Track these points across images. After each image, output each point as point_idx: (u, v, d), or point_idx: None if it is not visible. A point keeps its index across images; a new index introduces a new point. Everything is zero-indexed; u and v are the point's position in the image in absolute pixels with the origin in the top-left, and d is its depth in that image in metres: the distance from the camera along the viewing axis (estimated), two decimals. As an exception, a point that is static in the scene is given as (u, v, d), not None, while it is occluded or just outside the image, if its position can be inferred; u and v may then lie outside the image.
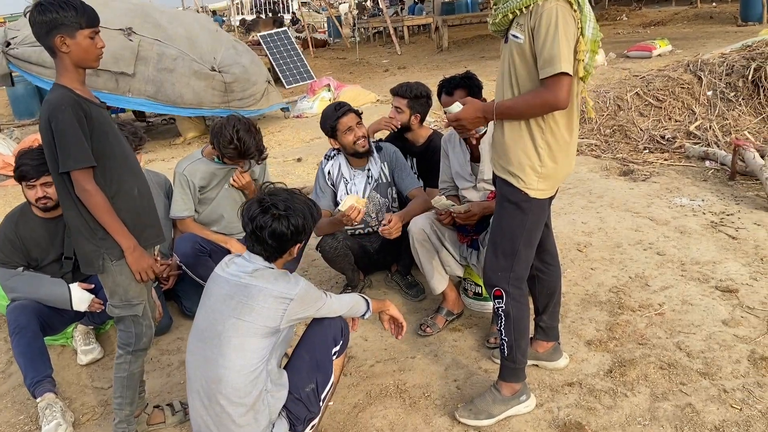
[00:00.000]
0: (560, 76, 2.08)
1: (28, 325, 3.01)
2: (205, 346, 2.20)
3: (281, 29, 14.66)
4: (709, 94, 6.27)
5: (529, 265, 2.47)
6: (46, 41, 2.25)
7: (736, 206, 4.28)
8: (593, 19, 2.17)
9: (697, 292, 3.30)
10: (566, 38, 2.07)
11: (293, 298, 2.17)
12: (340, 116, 3.40)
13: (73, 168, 2.23)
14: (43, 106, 2.28)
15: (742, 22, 13.18)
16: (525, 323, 2.49)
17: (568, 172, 2.41)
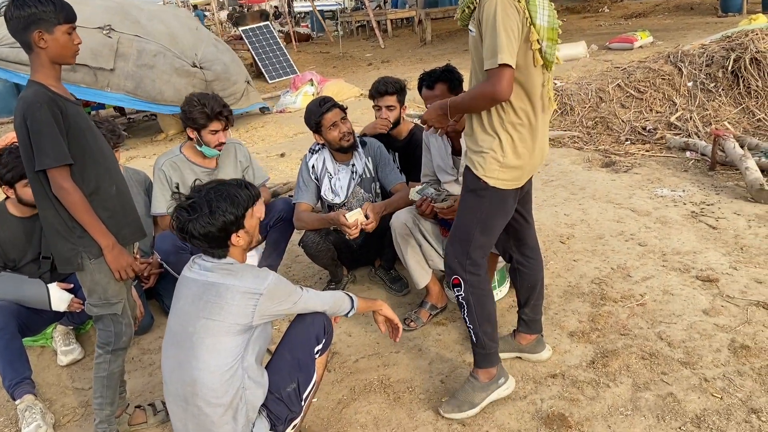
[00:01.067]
0: (500, 68, 2.08)
1: (6, 327, 2.97)
2: (178, 350, 2.16)
3: (263, 23, 14.56)
4: (689, 85, 6.31)
5: (485, 253, 2.47)
6: (23, 36, 2.21)
7: (716, 196, 4.31)
8: (547, 7, 2.17)
9: (678, 282, 3.32)
10: (505, 30, 2.07)
11: (262, 293, 2.12)
12: (325, 112, 3.38)
13: (49, 166, 2.20)
14: (18, 104, 2.24)
15: (723, 13, 13.30)
16: (487, 309, 2.51)
17: (534, 165, 2.39)
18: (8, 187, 3.05)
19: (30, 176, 2.31)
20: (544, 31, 2.15)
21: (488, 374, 2.58)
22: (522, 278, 2.77)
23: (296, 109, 9.95)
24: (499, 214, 2.42)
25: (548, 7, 2.17)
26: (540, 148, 2.38)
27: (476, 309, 2.49)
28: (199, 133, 3.43)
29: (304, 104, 10.00)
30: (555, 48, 2.21)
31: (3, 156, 3.01)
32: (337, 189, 3.47)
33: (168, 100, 8.24)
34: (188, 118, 3.41)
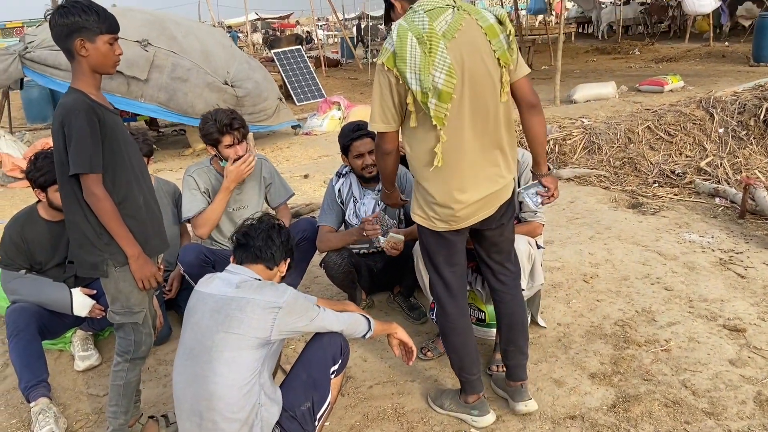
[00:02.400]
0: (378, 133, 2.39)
1: (27, 328, 2.99)
2: (194, 364, 2.15)
3: (295, 47, 14.78)
4: (720, 132, 6.26)
5: (442, 285, 2.58)
6: (66, 44, 2.25)
7: (745, 245, 4.24)
8: (421, 71, 2.19)
9: (705, 329, 3.25)
10: (377, 98, 2.31)
11: (282, 306, 2.14)
12: (355, 138, 3.39)
13: (83, 172, 2.22)
14: (57, 109, 2.28)
15: (755, 63, 13.22)
16: (450, 340, 2.64)
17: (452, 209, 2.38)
18: (41, 190, 3.09)
19: (62, 181, 2.33)
20: (418, 94, 2.22)
21: (469, 398, 2.68)
22: (498, 313, 2.74)
23: (322, 132, 10.03)
24: (437, 251, 2.53)
25: (421, 72, 2.19)
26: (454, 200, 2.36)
27: (442, 335, 2.73)
28: (216, 148, 3.46)
29: (330, 128, 10.10)
30: (440, 106, 2.23)
31: (38, 160, 3.06)
32: (362, 214, 3.47)
33: (198, 114, 8.27)
34: (204, 135, 3.46)
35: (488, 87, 2.29)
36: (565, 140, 6.85)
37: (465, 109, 2.28)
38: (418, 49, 2.20)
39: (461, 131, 2.30)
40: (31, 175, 3.06)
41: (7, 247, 3.17)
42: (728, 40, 18.14)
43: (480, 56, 2.27)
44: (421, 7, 2.26)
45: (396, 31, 2.24)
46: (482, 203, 2.39)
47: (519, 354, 2.70)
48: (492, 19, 2.29)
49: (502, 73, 2.30)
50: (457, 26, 2.24)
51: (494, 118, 2.34)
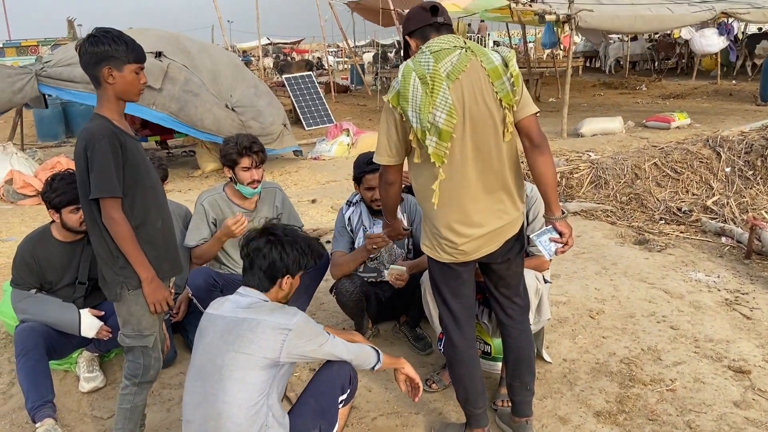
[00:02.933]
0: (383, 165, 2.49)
1: (35, 348, 3.01)
2: (204, 383, 2.19)
3: (306, 73, 14.96)
4: (727, 171, 6.30)
5: (449, 316, 2.60)
6: (93, 71, 2.32)
7: (751, 285, 4.25)
8: (422, 109, 2.26)
9: (710, 370, 3.25)
10: (383, 132, 2.41)
11: (291, 329, 2.18)
12: (369, 171, 3.42)
13: (102, 196, 2.27)
14: (80, 134, 2.33)
15: (762, 102, 13.31)
16: (462, 374, 2.64)
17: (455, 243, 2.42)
18: (55, 211, 3.14)
19: (83, 203, 2.39)
20: (418, 132, 2.30)
21: (471, 431, 2.69)
22: (505, 347, 2.75)
23: (330, 157, 10.11)
24: (444, 282, 2.57)
25: (421, 110, 2.26)
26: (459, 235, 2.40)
27: (448, 366, 2.75)
28: (233, 170, 3.52)
29: (338, 153, 10.18)
30: (439, 144, 2.29)
31: (54, 181, 3.11)
32: (400, 268, 3.50)
33: (207, 128, 8.44)
34: (223, 156, 3.55)
35: (490, 127, 2.34)
36: (572, 174, 6.89)
37: (467, 148, 2.33)
38: (420, 89, 2.27)
39: (463, 169, 2.35)
40: (47, 195, 3.10)
41: (20, 266, 3.20)
42: (735, 79, 18.30)
43: (482, 97, 2.31)
44: (428, 48, 2.33)
45: (402, 71, 2.33)
46: (486, 238, 2.43)
47: (524, 390, 2.70)
48: (497, 61, 2.32)
49: (504, 114, 2.34)
50: (461, 67, 2.29)
51: (497, 158, 2.38)
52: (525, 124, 2.39)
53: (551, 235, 2.51)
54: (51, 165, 8.17)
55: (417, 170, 2.43)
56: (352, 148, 10.25)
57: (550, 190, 2.46)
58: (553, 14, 9.79)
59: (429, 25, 2.42)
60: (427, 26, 2.42)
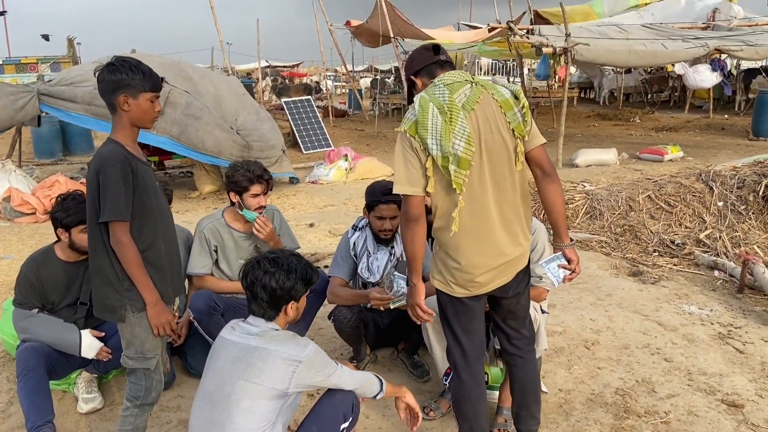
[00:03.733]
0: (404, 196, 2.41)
1: (36, 368, 3.02)
2: (212, 409, 2.21)
3: (305, 98, 15.10)
4: (719, 205, 6.39)
5: (459, 352, 2.60)
6: (110, 98, 2.40)
7: (743, 320, 4.31)
8: (442, 137, 2.31)
9: (704, 403, 3.29)
10: (401, 161, 2.39)
11: (302, 361, 2.20)
12: (383, 202, 3.45)
13: (111, 219, 2.32)
14: (94, 158, 2.39)
15: (754, 137, 13.51)
16: (467, 410, 2.63)
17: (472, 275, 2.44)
18: (64, 230, 3.18)
19: (91, 225, 2.43)
20: (438, 159, 2.33)
21: None
22: (511, 376, 2.78)
23: (328, 181, 10.18)
24: (455, 317, 2.56)
25: (442, 138, 2.31)
26: (475, 266, 2.42)
27: (453, 402, 2.74)
28: (241, 196, 3.57)
29: (336, 178, 10.26)
30: (460, 172, 2.33)
31: (66, 201, 3.16)
32: (374, 269, 3.55)
33: (208, 150, 8.49)
34: (231, 182, 3.59)
35: (504, 156, 2.42)
36: (567, 204, 6.98)
37: (485, 177, 2.40)
38: (439, 118, 2.33)
39: (482, 198, 2.40)
40: (58, 214, 3.15)
41: (23, 285, 3.22)
42: (728, 113, 18.57)
43: (496, 127, 2.40)
44: (441, 82, 2.42)
45: (418, 102, 2.38)
46: (500, 270, 2.47)
47: (531, 419, 2.74)
48: (507, 94, 2.44)
49: (516, 144, 2.43)
50: (475, 99, 2.38)
51: (511, 186, 2.45)
52: (536, 153, 2.49)
53: (560, 262, 2.56)
54: (49, 183, 8.20)
55: (434, 199, 2.45)
56: (350, 173, 10.33)
57: (560, 218, 2.55)
58: (550, 47, 9.97)
59: (433, 63, 2.52)
60: (432, 64, 2.52)
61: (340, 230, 7.17)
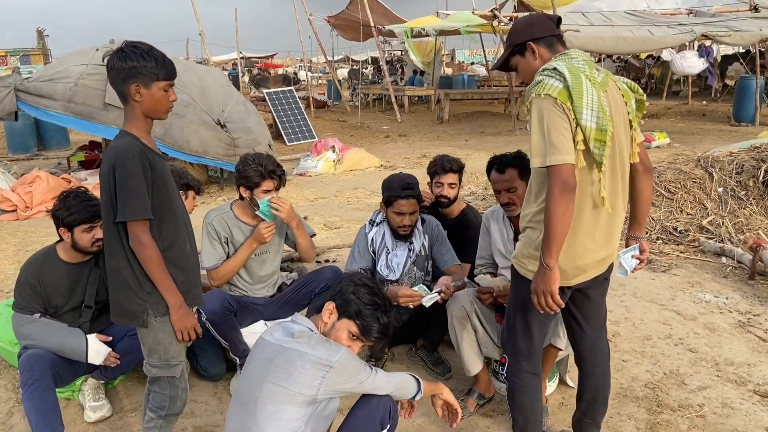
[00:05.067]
0: (557, 166, 2.10)
1: (42, 377, 2.83)
2: (242, 413, 2.07)
3: (287, 88, 14.85)
4: (719, 191, 6.36)
5: (525, 342, 2.48)
6: (121, 87, 2.21)
7: (761, 307, 4.25)
8: (597, 108, 2.15)
9: (736, 395, 3.21)
10: (554, 130, 2.11)
11: (333, 366, 2.05)
12: (402, 197, 3.33)
13: (130, 218, 2.15)
14: (108, 152, 2.20)
15: (735, 122, 13.63)
16: (524, 402, 2.53)
17: (578, 266, 2.31)
18: (66, 229, 2.97)
19: (107, 225, 2.24)
20: (591, 131, 2.14)
21: None
22: (581, 383, 2.68)
23: (317, 173, 9.98)
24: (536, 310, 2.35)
25: (598, 109, 2.15)
26: (586, 250, 2.29)
27: (512, 394, 2.57)
28: (252, 191, 3.39)
29: (324, 169, 10.06)
30: (604, 149, 2.17)
31: (68, 199, 2.95)
32: (393, 265, 3.41)
33: (193, 150, 8.23)
34: (242, 177, 3.40)
35: (625, 144, 2.32)
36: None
37: (615, 162, 2.28)
38: (593, 89, 2.17)
39: (609, 182, 2.27)
40: (60, 213, 2.94)
41: (23, 289, 3.02)
42: (706, 99, 18.76)
43: (623, 114, 2.31)
44: (578, 56, 2.26)
45: (566, 69, 2.16)
46: (604, 260, 2.38)
47: (593, 427, 2.67)
48: (624, 85, 2.36)
49: (632, 135, 2.35)
50: (606, 81, 2.27)
51: (626, 177, 2.36)
52: (640, 148, 2.41)
53: (635, 253, 2.55)
54: (30, 179, 7.89)
55: None
56: (339, 165, 10.15)
57: (647, 211, 2.56)
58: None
59: (555, 36, 2.35)
60: (553, 36, 2.35)
61: (335, 223, 7.01)
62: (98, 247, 3.06)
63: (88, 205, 2.99)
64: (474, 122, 16.14)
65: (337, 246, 5.96)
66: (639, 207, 2.52)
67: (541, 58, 2.33)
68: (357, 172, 10.05)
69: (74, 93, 7.60)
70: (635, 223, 2.56)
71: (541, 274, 2.20)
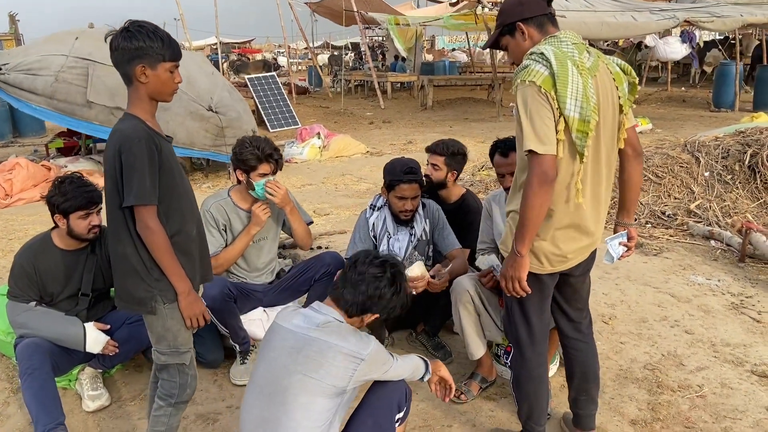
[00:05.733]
0: (530, 153, 2.09)
1: (42, 367, 2.78)
2: (267, 404, 2.02)
3: (269, 74, 14.67)
4: (706, 175, 6.43)
5: (525, 330, 2.46)
6: (125, 68, 2.14)
7: (752, 289, 4.31)
8: (582, 98, 2.11)
9: (734, 375, 3.25)
10: (537, 118, 2.09)
11: (364, 359, 2.04)
12: (404, 182, 3.30)
13: (138, 203, 2.09)
14: (113, 136, 2.14)
15: (715, 108, 13.79)
16: (528, 390, 2.52)
17: (564, 250, 2.30)
18: (62, 216, 2.90)
19: (112, 211, 2.18)
20: (574, 121, 2.11)
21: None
22: (568, 362, 2.68)
23: (303, 160, 9.91)
24: (530, 296, 2.36)
25: (582, 98, 2.11)
26: (569, 238, 2.29)
27: (515, 381, 2.58)
28: (248, 175, 3.35)
29: (310, 156, 9.99)
30: (586, 140, 2.14)
31: (63, 184, 2.88)
32: (395, 250, 3.38)
33: (180, 143, 8.08)
34: (239, 160, 3.35)
35: (611, 131, 2.28)
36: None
37: (600, 150, 2.24)
38: (578, 78, 2.12)
39: (594, 171, 2.25)
40: (54, 199, 2.87)
41: (19, 277, 2.95)
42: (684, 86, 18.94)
43: (611, 100, 2.25)
44: (567, 39, 2.20)
45: (552, 55, 2.12)
46: (587, 247, 2.36)
47: (591, 403, 2.66)
48: (617, 67, 2.30)
49: (621, 120, 2.30)
50: (596, 65, 2.21)
51: (611, 164, 2.33)
52: (630, 133, 2.37)
53: (622, 240, 2.52)
54: (9, 166, 7.72)
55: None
56: (325, 151, 10.08)
57: (636, 197, 2.52)
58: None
59: (545, 15, 2.27)
60: (544, 16, 2.26)
61: (325, 210, 6.96)
62: (94, 234, 3.00)
63: (84, 191, 2.92)
64: (457, 108, 16.13)
65: (329, 233, 5.93)
66: (628, 193, 2.49)
67: (530, 38, 2.27)
68: (343, 158, 9.99)
69: (55, 90, 7.41)
70: (623, 210, 2.53)
71: (512, 260, 2.24)
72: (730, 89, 13.52)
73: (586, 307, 2.61)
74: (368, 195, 7.51)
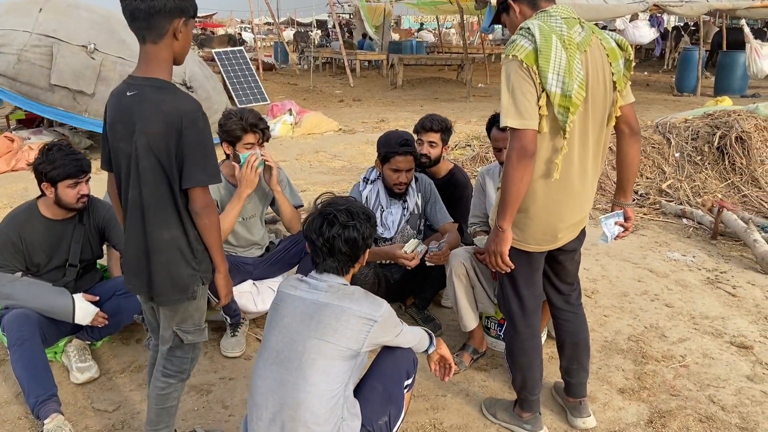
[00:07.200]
0: (510, 128, 2.11)
1: (32, 338, 2.71)
2: (281, 369, 2.01)
3: (237, 48, 14.39)
4: (677, 156, 6.59)
5: (517, 304, 2.50)
6: (162, 21, 1.89)
7: (726, 265, 4.46)
8: (565, 74, 2.11)
9: (715, 346, 3.37)
10: (519, 93, 2.10)
11: (377, 320, 2.03)
12: (399, 153, 3.29)
13: (206, 184, 1.97)
14: (160, 106, 1.91)
15: (678, 93, 14.09)
16: (522, 362, 2.57)
17: (552, 229, 2.32)
18: (50, 184, 2.81)
19: (155, 193, 1.97)
20: (555, 97, 2.11)
21: (523, 412, 2.65)
22: (559, 331, 2.73)
23: (274, 136, 9.77)
24: (520, 272, 2.41)
25: (565, 73, 2.12)
26: (557, 217, 2.31)
27: (509, 351, 2.64)
28: (234, 147, 3.29)
29: (282, 132, 9.87)
30: (567, 115, 2.14)
31: (52, 152, 2.78)
32: (388, 223, 3.39)
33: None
34: (224, 131, 3.29)
35: (602, 109, 2.27)
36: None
37: (587, 127, 2.24)
38: (563, 53, 2.11)
39: (581, 148, 2.26)
40: (42, 167, 2.78)
41: (4, 246, 2.86)
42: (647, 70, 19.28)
43: (602, 76, 2.23)
44: (557, 13, 2.19)
45: (538, 30, 2.11)
46: (575, 225, 2.38)
47: (582, 372, 2.70)
48: (613, 43, 2.27)
49: (615, 98, 2.28)
50: (588, 41, 2.20)
51: (601, 141, 2.33)
52: (627, 111, 2.36)
53: (618, 219, 2.53)
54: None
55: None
56: (296, 128, 9.97)
57: (633, 176, 2.51)
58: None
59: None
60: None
61: (301, 186, 6.90)
62: (83, 203, 2.92)
63: (73, 159, 2.83)
64: (428, 88, 16.11)
65: (305, 209, 5.88)
66: (625, 171, 2.50)
67: (522, 15, 2.29)
68: (316, 135, 9.91)
69: (18, 71, 7.11)
70: (621, 189, 2.55)
71: (494, 235, 2.28)
72: (692, 74, 13.82)
73: (576, 280, 2.65)
74: (343, 172, 7.48)
